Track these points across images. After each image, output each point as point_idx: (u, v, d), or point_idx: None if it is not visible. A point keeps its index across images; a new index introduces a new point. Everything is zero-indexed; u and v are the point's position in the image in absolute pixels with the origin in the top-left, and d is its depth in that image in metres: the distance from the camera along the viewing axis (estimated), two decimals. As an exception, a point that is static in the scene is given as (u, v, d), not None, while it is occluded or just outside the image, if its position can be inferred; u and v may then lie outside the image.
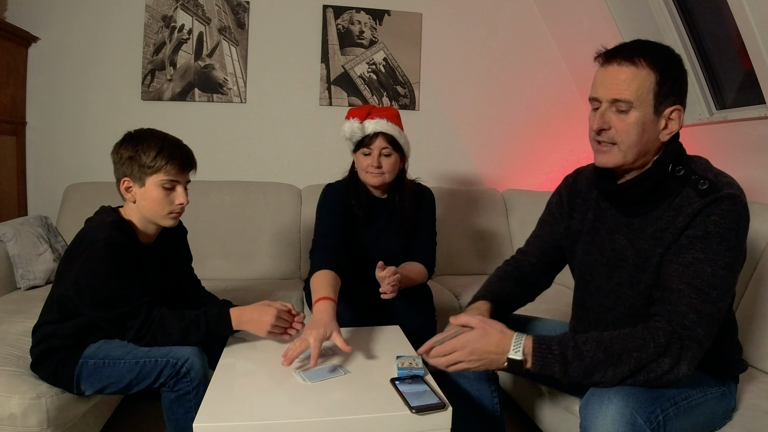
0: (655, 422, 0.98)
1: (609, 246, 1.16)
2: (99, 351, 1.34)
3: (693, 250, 0.99)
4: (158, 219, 1.38)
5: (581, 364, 1.00)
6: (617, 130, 1.04)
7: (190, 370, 1.29)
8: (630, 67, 1.01)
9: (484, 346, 1.05)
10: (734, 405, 1.19)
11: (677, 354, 0.97)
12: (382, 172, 1.71)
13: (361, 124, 1.70)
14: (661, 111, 1.03)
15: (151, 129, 1.38)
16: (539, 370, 1.03)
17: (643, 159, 1.07)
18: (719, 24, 2.16)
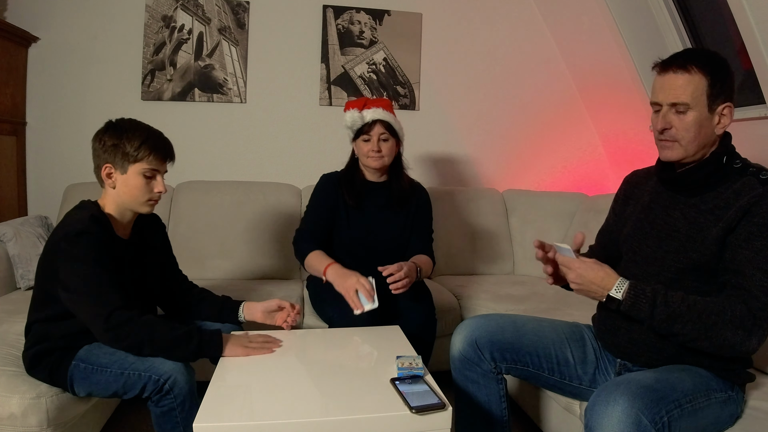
0: (660, 423, 0.99)
1: (662, 220, 1.27)
2: (90, 356, 1.33)
3: (761, 237, 1.09)
4: (136, 206, 1.41)
5: (666, 309, 1.10)
6: (678, 128, 1.17)
7: (173, 388, 1.26)
8: (684, 74, 1.15)
9: (592, 276, 1.15)
10: (740, 413, 1.20)
11: (749, 329, 1.06)
12: (382, 155, 1.87)
13: (361, 113, 1.86)
14: (714, 109, 1.15)
15: (132, 119, 1.42)
16: (629, 308, 1.12)
17: (702, 152, 1.19)
18: (719, 24, 2.16)
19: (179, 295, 1.61)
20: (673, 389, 1.06)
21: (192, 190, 2.54)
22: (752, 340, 1.06)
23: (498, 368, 1.36)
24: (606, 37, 2.61)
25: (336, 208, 1.92)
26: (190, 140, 2.77)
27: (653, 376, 1.09)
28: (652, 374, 1.10)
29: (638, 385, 1.03)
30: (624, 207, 1.42)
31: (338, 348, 1.48)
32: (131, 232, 1.47)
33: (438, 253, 2.30)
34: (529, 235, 2.74)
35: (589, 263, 1.16)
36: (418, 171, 3.02)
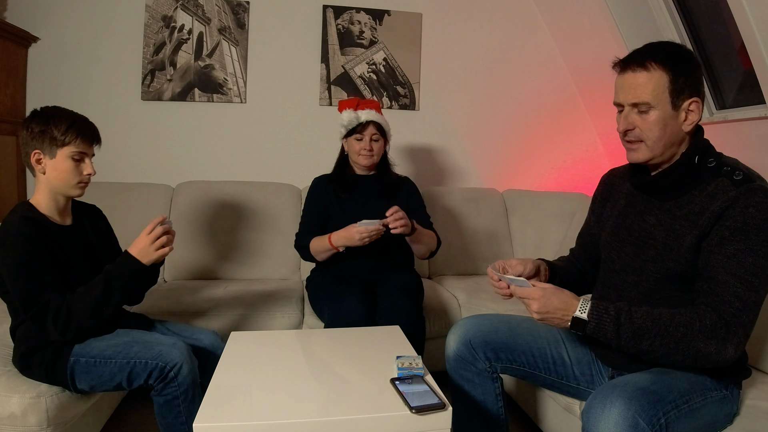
0: (657, 425, 0.99)
1: (638, 226, 1.23)
2: (90, 349, 1.34)
3: (734, 241, 1.05)
4: (67, 189, 1.42)
5: (631, 326, 1.06)
6: (641, 128, 1.13)
7: (178, 375, 1.30)
8: (643, 72, 1.10)
9: (556, 303, 1.11)
10: (737, 410, 1.20)
11: (723, 338, 1.02)
12: (373, 154, 2.00)
13: (356, 113, 1.97)
14: (680, 105, 1.11)
15: (57, 106, 1.44)
16: (594, 330, 1.09)
17: (671, 151, 1.15)
18: (719, 24, 2.16)
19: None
20: (670, 390, 1.05)
21: (192, 190, 2.54)
22: (727, 349, 1.02)
23: (493, 368, 1.37)
24: (606, 37, 2.61)
25: (329, 204, 2.02)
26: (190, 140, 2.77)
27: (649, 377, 1.08)
28: (648, 376, 1.10)
29: (634, 387, 1.03)
30: (602, 209, 1.39)
31: (338, 348, 1.48)
32: (72, 218, 1.49)
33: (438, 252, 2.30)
34: (529, 235, 2.74)
35: (549, 290, 1.12)
36: (417, 170, 3.02)
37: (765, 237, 1.04)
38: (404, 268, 2.04)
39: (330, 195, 2.03)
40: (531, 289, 1.13)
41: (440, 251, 2.55)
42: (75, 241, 1.44)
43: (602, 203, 1.40)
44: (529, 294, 1.13)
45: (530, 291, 1.13)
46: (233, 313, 1.98)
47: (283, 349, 1.42)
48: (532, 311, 1.13)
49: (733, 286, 1.03)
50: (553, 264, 1.40)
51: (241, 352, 1.38)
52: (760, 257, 1.03)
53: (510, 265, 1.29)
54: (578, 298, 1.13)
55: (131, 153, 2.69)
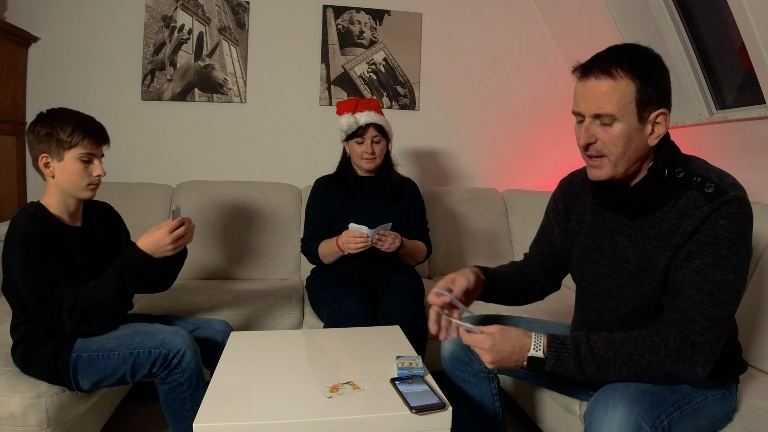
0: (660, 428, 0.98)
1: (610, 247, 1.16)
2: (92, 343, 1.35)
3: (702, 255, 0.99)
4: (78, 192, 1.42)
5: (593, 360, 1.01)
6: (604, 142, 1.03)
7: (181, 361, 1.31)
8: (608, 79, 1.00)
9: (508, 347, 1.05)
10: (735, 406, 1.19)
11: (689, 359, 0.99)
12: (375, 157, 1.98)
13: (355, 116, 1.94)
14: (646, 117, 1.02)
15: (63, 108, 1.42)
16: (554, 366, 1.03)
17: (635, 165, 1.07)
18: (719, 24, 2.16)
19: None
20: (672, 391, 1.04)
21: (192, 190, 2.54)
22: (696, 370, 0.98)
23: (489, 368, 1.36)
24: (606, 37, 2.61)
25: (332, 207, 2.01)
26: (190, 140, 2.77)
27: None
28: None
29: (637, 389, 1.01)
30: (566, 221, 1.30)
31: (338, 348, 1.48)
32: (82, 220, 1.49)
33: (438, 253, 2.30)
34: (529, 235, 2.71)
35: (498, 335, 1.04)
36: (417, 171, 3.02)
37: (735, 250, 0.98)
38: (405, 269, 2.04)
39: (332, 197, 2.02)
40: (479, 338, 1.05)
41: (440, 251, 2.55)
42: (81, 243, 1.43)
43: (566, 215, 1.30)
44: (478, 343, 1.06)
45: (478, 339, 1.06)
46: (233, 313, 1.98)
47: (283, 349, 1.41)
48: (485, 362, 1.06)
49: (699, 302, 0.98)
50: (491, 271, 1.34)
51: (241, 352, 1.38)
52: (729, 272, 0.98)
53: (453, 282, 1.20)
54: (529, 335, 1.05)
55: (131, 153, 2.68)
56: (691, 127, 2.33)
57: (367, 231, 1.75)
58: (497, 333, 1.05)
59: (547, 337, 1.05)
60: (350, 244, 1.76)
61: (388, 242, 1.79)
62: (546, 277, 1.41)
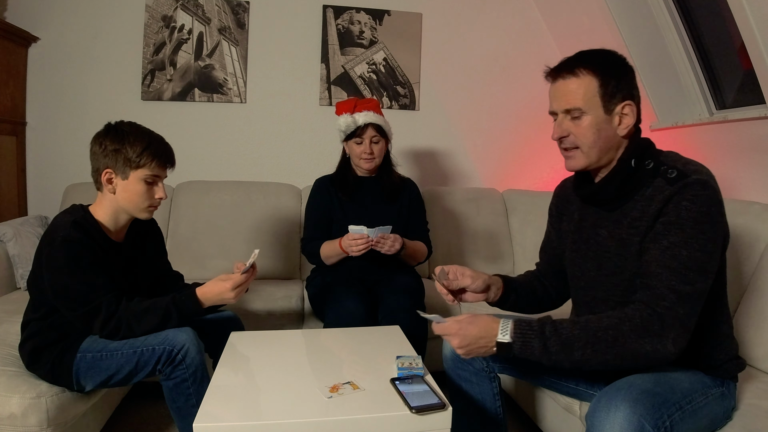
0: (662, 428, 0.98)
1: (593, 240, 1.22)
2: (96, 344, 1.35)
3: (669, 234, 1.03)
4: (136, 212, 1.41)
5: (558, 339, 1.03)
6: (575, 134, 1.13)
7: (186, 357, 1.31)
8: (573, 78, 1.12)
9: (475, 332, 1.07)
10: (734, 404, 1.20)
11: (658, 333, 0.99)
12: (374, 157, 1.98)
13: (353, 117, 1.93)
14: (612, 109, 1.11)
15: (133, 123, 1.41)
16: (521, 349, 1.05)
17: (608, 156, 1.14)
18: (719, 24, 2.16)
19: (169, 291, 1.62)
20: (673, 391, 1.05)
21: (192, 190, 2.54)
22: (666, 345, 0.99)
23: (490, 367, 1.36)
24: (606, 37, 2.61)
25: (332, 207, 2.01)
26: (190, 140, 2.77)
27: (652, 379, 1.07)
28: (650, 377, 1.08)
29: (639, 390, 1.01)
30: (559, 223, 1.37)
31: (338, 348, 1.48)
32: (125, 236, 1.47)
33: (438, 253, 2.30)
34: (529, 235, 2.74)
35: (465, 320, 1.09)
36: (417, 171, 3.02)
37: (701, 229, 1.01)
38: (405, 269, 2.04)
39: (332, 197, 2.02)
40: (446, 325, 1.09)
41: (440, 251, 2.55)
42: (120, 259, 1.43)
43: (558, 217, 1.38)
44: (446, 330, 1.09)
45: (446, 327, 1.09)
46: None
47: (283, 349, 1.42)
48: (454, 347, 1.09)
49: (666, 278, 1.01)
50: (511, 280, 1.38)
51: (241, 352, 1.38)
52: (696, 250, 1.01)
53: (463, 274, 1.27)
54: (497, 320, 1.08)
55: (131, 153, 2.68)
56: (691, 127, 2.33)
57: (366, 231, 1.75)
58: (465, 319, 1.09)
59: (514, 321, 1.08)
60: (352, 248, 1.76)
61: (388, 245, 1.79)
62: (559, 281, 1.42)
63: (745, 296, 1.58)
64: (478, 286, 1.28)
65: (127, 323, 1.32)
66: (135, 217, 1.43)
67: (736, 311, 1.58)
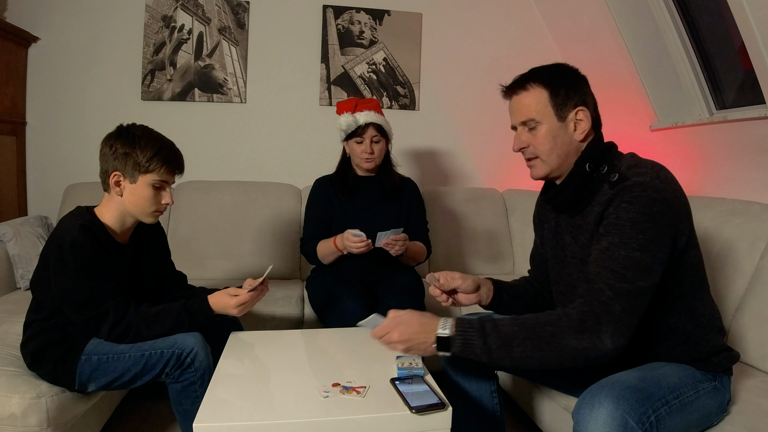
0: (647, 423, 0.98)
1: (562, 246, 1.26)
2: (102, 346, 1.35)
3: (608, 235, 1.06)
4: (141, 216, 1.41)
5: (498, 336, 1.05)
6: (533, 144, 1.18)
7: (194, 360, 1.31)
8: (524, 92, 1.18)
9: (414, 326, 1.09)
10: (729, 398, 1.19)
11: (595, 329, 1.00)
12: (374, 157, 1.98)
13: (354, 116, 1.93)
14: (565, 116, 1.15)
15: (145, 127, 1.41)
16: (461, 346, 1.06)
17: (567, 162, 1.18)
18: (719, 24, 2.16)
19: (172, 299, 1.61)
20: (659, 387, 1.05)
21: (192, 190, 2.54)
22: (604, 342, 0.99)
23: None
24: (606, 37, 2.61)
25: (332, 207, 2.00)
26: (190, 140, 2.77)
27: (638, 375, 1.08)
28: (637, 373, 1.09)
29: (623, 386, 1.02)
30: (541, 231, 1.41)
31: (338, 348, 1.48)
32: (130, 237, 1.48)
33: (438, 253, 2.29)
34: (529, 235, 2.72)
35: (404, 316, 1.10)
36: (417, 171, 3.02)
37: (640, 230, 1.02)
38: (405, 268, 2.04)
39: (332, 197, 2.02)
40: (385, 324, 1.10)
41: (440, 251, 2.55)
42: (126, 261, 1.43)
43: (540, 225, 1.42)
44: (385, 328, 1.10)
45: (384, 326, 1.10)
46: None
47: (283, 349, 1.42)
48: (394, 342, 1.09)
49: (604, 277, 1.03)
50: (501, 283, 1.40)
51: (241, 352, 1.38)
52: (635, 249, 1.02)
53: (453, 278, 1.31)
54: (437, 318, 1.10)
55: (131, 153, 2.68)
56: (691, 127, 2.33)
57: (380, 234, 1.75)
58: (403, 315, 1.11)
59: (455, 318, 1.10)
60: (352, 248, 1.76)
61: (398, 246, 1.79)
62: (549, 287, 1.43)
63: (745, 296, 1.58)
64: (468, 286, 1.32)
65: (136, 328, 1.32)
66: (141, 220, 1.43)
67: (736, 311, 1.58)
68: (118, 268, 1.38)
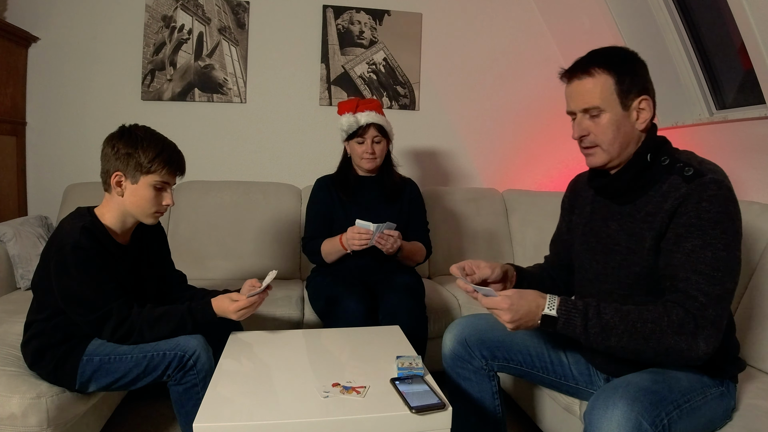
0: (660, 426, 0.99)
1: (604, 233, 1.23)
2: (104, 347, 1.35)
3: (691, 237, 1.04)
4: (142, 216, 1.41)
5: (599, 321, 1.05)
6: (595, 133, 1.15)
7: (197, 363, 1.31)
8: (588, 78, 1.13)
9: (525, 306, 1.09)
10: (734, 405, 1.20)
11: (692, 332, 1.01)
12: (375, 157, 1.98)
13: (355, 116, 1.94)
14: (629, 105, 1.12)
15: (147, 128, 1.41)
16: (564, 325, 1.08)
17: (627, 151, 1.16)
18: (719, 24, 2.16)
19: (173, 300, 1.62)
20: (671, 390, 1.05)
21: (192, 190, 2.54)
22: (699, 345, 1.00)
23: (489, 366, 1.37)
24: (606, 37, 2.61)
25: (332, 206, 2.01)
26: (190, 140, 2.76)
27: (650, 377, 1.08)
28: (648, 375, 1.09)
29: (637, 388, 1.02)
30: (570, 215, 1.39)
31: (338, 348, 1.48)
32: (130, 238, 1.48)
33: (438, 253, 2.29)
34: (529, 235, 2.74)
35: (515, 296, 1.10)
36: (417, 170, 3.02)
37: (722, 229, 1.03)
38: (405, 268, 2.04)
39: (333, 197, 2.02)
40: (497, 300, 1.10)
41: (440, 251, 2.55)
42: (126, 262, 1.43)
43: (570, 209, 1.40)
44: (496, 304, 1.10)
45: (497, 301, 1.10)
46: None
47: (283, 349, 1.42)
48: (504, 322, 1.10)
49: (695, 282, 1.02)
50: (522, 270, 1.40)
51: (241, 352, 1.38)
52: (719, 250, 1.02)
53: (478, 267, 1.27)
54: (544, 295, 1.11)
55: (131, 153, 2.68)
56: (691, 127, 2.33)
57: (373, 227, 1.75)
58: (514, 294, 1.10)
59: (560, 298, 1.10)
60: (354, 240, 1.76)
61: (390, 243, 1.79)
62: (567, 275, 1.43)
63: (745, 296, 1.58)
64: (498, 275, 1.29)
65: (139, 330, 1.33)
66: (141, 221, 1.43)
67: (736, 311, 1.58)
68: (120, 269, 1.39)
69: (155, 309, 1.37)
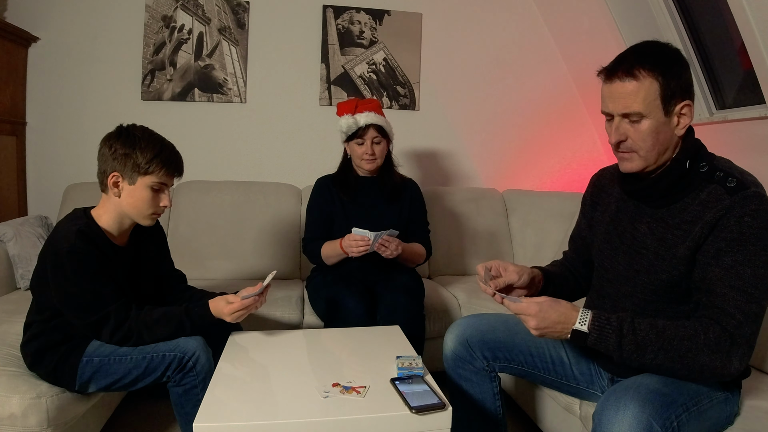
0: (670, 428, 0.98)
1: (630, 234, 1.19)
2: (103, 348, 1.35)
3: (731, 252, 1.02)
4: (139, 218, 1.40)
5: (634, 338, 1.02)
6: (634, 139, 1.08)
7: (196, 364, 1.31)
8: (632, 80, 1.04)
9: (554, 316, 1.06)
10: (737, 410, 1.20)
11: (727, 351, 0.99)
12: (375, 158, 1.97)
13: (354, 117, 1.92)
14: (671, 110, 1.06)
15: (145, 128, 1.40)
16: (596, 341, 1.05)
17: (664, 157, 1.11)
18: (719, 24, 2.16)
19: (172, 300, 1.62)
20: (680, 393, 1.05)
21: (192, 190, 2.54)
22: (732, 363, 0.99)
23: (491, 366, 1.36)
24: (606, 37, 2.61)
25: (333, 207, 2.00)
26: (190, 140, 2.77)
27: (659, 379, 1.07)
28: (657, 377, 1.08)
29: (647, 390, 1.02)
30: (593, 212, 1.35)
31: (338, 348, 1.48)
32: (128, 239, 1.47)
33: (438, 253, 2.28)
34: (529, 235, 2.74)
35: (545, 304, 1.07)
36: (418, 171, 3.02)
37: (762, 246, 1.01)
38: (405, 268, 2.04)
39: (333, 197, 2.02)
40: (526, 305, 1.07)
41: (440, 251, 2.55)
42: (124, 264, 1.43)
43: (592, 206, 1.36)
44: (524, 310, 1.07)
45: (525, 307, 1.07)
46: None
47: (282, 349, 1.42)
48: (529, 327, 1.08)
49: (733, 299, 1.00)
50: (548, 272, 1.37)
51: (241, 352, 1.38)
52: (759, 267, 1.00)
53: (506, 270, 1.23)
54: (577, 309, 1.08)
55: (131, 153, 2.68)
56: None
57: (369, 235, 1.74)
58: (545, 302, 1.07)
59: (593, 313, 1.07)
60: (352, 248, 1.76)
61: (391, 249, 1.78)
62: (586, 270, 1.41)
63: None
64: (525, 281, 1.24)
65: (138, 332, 1.32)
66: (138, 222, 1.42)
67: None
68: (117, 272, 1.38)
69: (153, 311, 1.36)
